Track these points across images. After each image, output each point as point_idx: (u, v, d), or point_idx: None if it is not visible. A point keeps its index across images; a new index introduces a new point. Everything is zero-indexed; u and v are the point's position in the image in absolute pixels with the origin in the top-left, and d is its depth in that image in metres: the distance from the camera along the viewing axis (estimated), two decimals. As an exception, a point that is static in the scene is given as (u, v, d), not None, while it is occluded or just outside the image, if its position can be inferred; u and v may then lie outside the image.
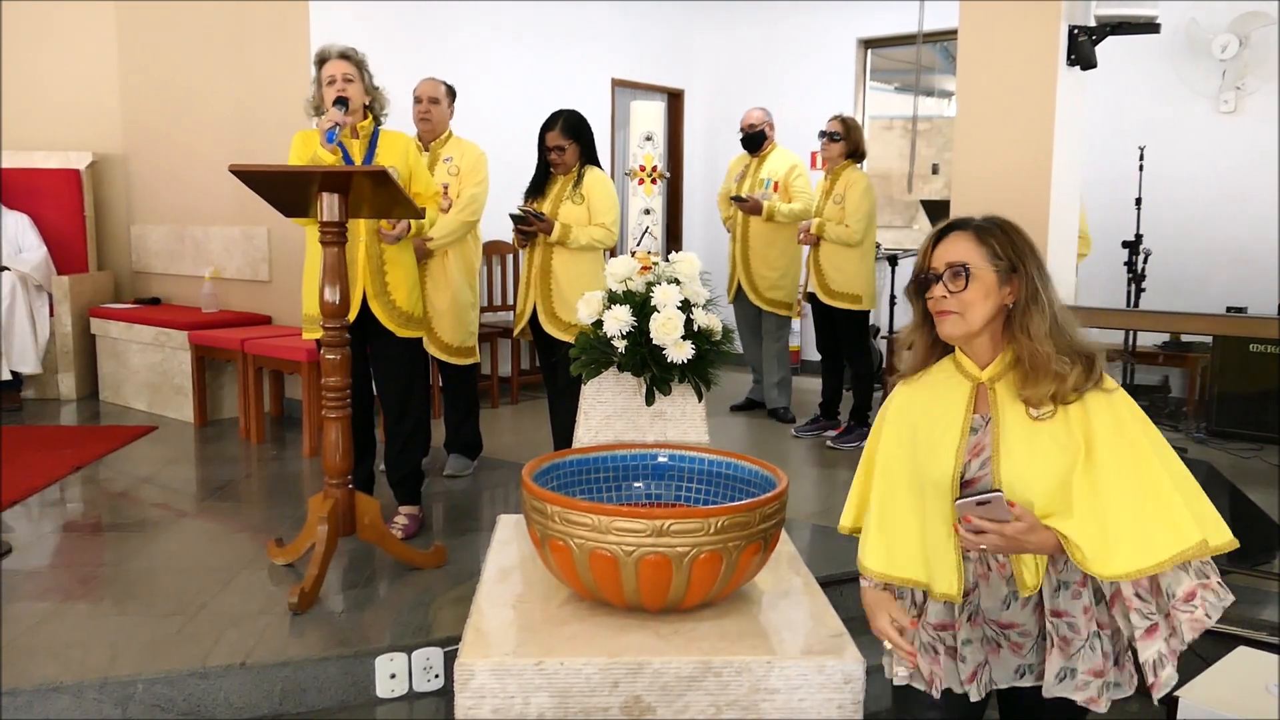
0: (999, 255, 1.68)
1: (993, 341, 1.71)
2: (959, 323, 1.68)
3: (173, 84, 6.10)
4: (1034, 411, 1.65)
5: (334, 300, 2.97)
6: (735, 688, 2.17)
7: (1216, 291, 5.35)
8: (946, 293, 1.68)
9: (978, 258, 1.68)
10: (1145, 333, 5.08)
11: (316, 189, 2.92)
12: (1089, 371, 1.64)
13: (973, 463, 1.69)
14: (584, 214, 4.03)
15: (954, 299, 1.67)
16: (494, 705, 2.18)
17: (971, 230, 1.71)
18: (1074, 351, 1.65)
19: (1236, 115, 5.48)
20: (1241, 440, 4.96)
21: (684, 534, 2.21)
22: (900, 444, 1.79)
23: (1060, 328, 1.66)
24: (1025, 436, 1.65)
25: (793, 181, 5.35)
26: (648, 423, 2.97)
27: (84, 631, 2.75)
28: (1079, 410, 1.63)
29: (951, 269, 1.68)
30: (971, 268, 1.67)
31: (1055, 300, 1.68)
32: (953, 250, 1.70)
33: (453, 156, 4.32)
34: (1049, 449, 1.63)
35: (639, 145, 3.02)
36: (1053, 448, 1.63)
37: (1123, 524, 1.57)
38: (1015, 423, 1.66)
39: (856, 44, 7.10)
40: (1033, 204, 3.20)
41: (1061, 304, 1.69)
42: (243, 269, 5.86)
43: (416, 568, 3.22)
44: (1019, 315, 1.67)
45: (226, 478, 4.43)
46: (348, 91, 3.33)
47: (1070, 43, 3.15)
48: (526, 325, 4.20)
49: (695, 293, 2.92)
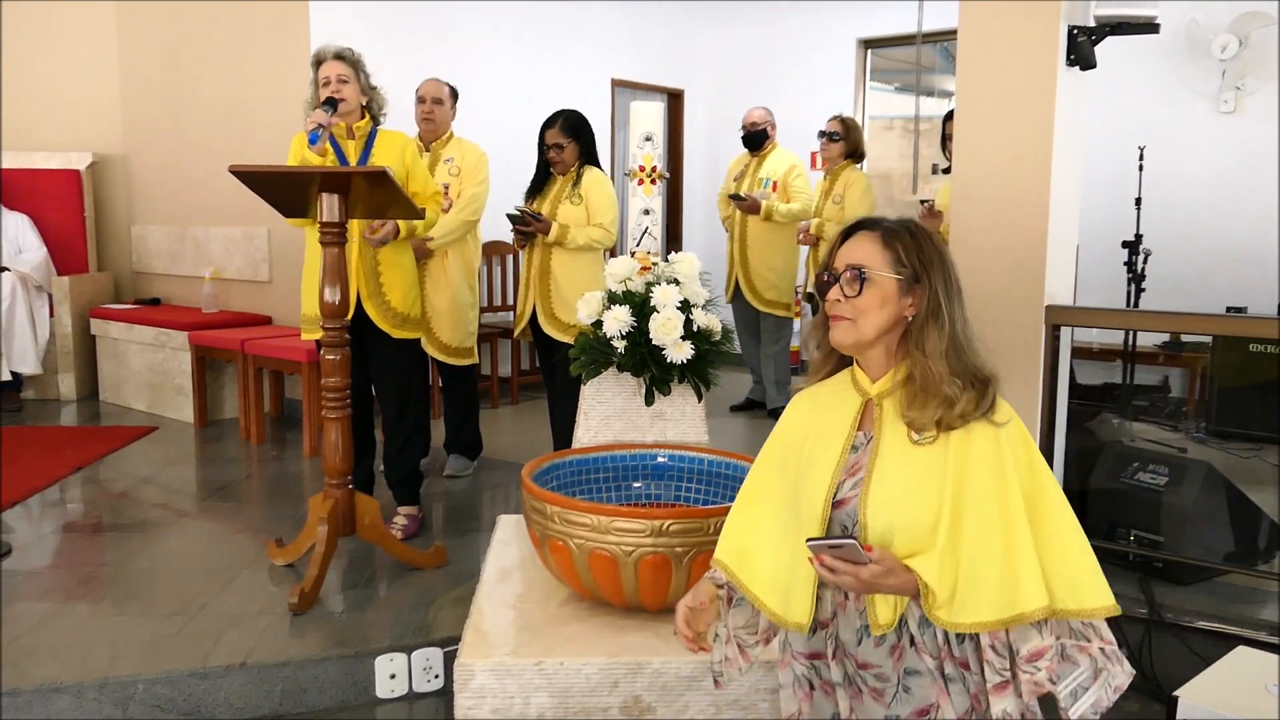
0: (903, 262, 1.54)
1: (887, 355, 1.58)
2: (850, 330, 1.55)
3: (173, 84, 6.11)
4: (915, 435, 1.52)
5: (334, 300, 2.97)
6: (735, 688, 2.17)
7: (1216, 291, 5.34)
8: (841, 296, 1.55)
9: (879, 262, 1.54)
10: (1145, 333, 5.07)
11: (316, 189, 2.92)
12: (981, 399, 1.52)
13: (846, 482, 1.57)
14: (582, 214, 4.02)
15: (848, 304, 1.54)
16: (494, 705, 2.18)
17: (879, 232, 1.57)
18: (970, 375, 1.53)
19: (1236, 115, 5.47)
20: (1241, 440, 4.95)
21: (683, 534, 2.22)
22: (786, 455, 1.69)
23: (960, 348, 1.54)
24: (901, 461, 1.53)
25: (792, 181, 5.35)
26: (647, 423, 2.97)
27: (84, 632, 2.75)
28: (961, 439, 1.50)
29: (850, 271, 1.55)
30: (869, 272, 1.54)
31: (960, 318, 1.55)
32: (855, 251, 1.57)
33: (453, 157, 4.33)
34: (922, 477, 1.51)
35: (638, 145, 3.03)
36: (926, 477, 1.50)
37: (976, 572, 1.46)
38: (894, 445, 1.54)
39: (856, 44, 7.10)
40: (1032, 204, 3.20)
41: (967, 323, 1.57)
42: (243, 269, 5.86)
43: (416, 568, 3.22)
44: (916, 329, 1.54)
45: (227, 478, 4.43)
46: (342, 93, 3.33)
47: (1070, 43, 3.15)
48: (527, 326, 4.20)
49: (695, 293, 2.92)
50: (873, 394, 1.59)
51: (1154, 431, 5.07)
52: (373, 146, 3.43)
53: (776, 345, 5.56)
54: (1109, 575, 3.35)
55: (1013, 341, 3.27)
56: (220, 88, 5.79)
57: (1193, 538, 3.13)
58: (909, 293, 1.55)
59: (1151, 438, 4.81)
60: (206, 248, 6.06)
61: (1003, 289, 3.28)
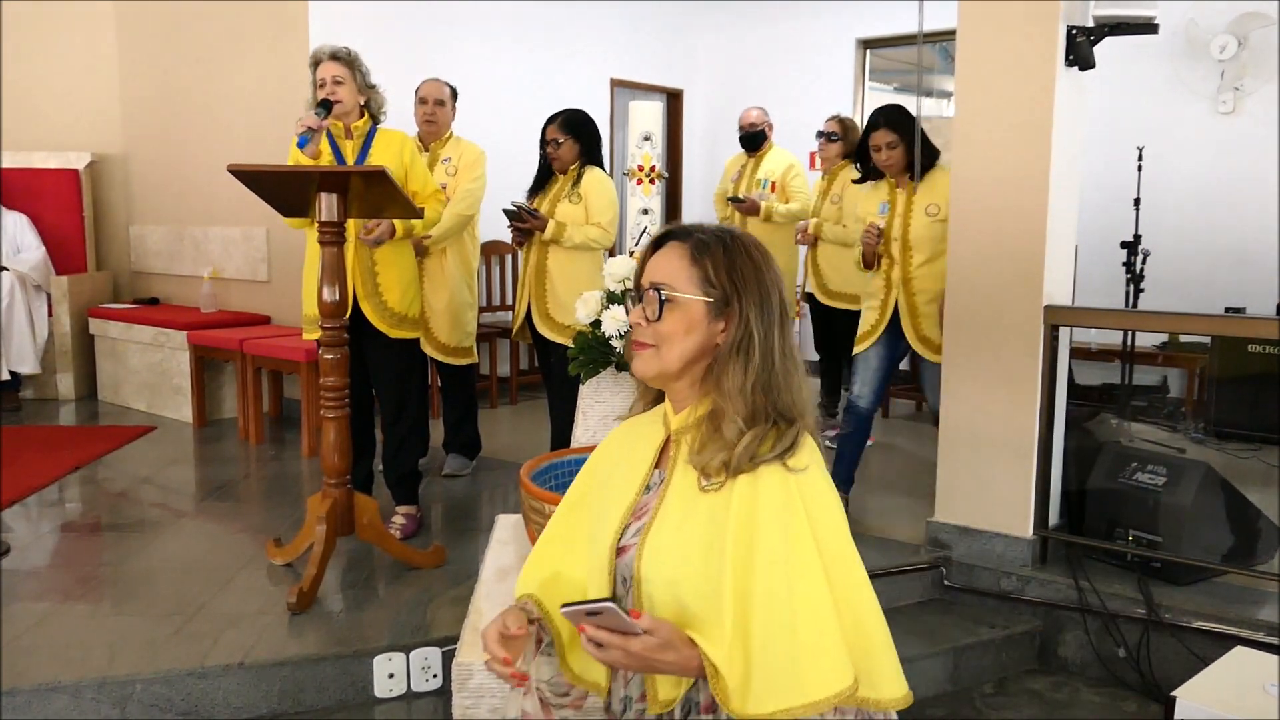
0: (711, 282, 1.31)
1: (693, 387, 1.36)
2: (652, 360, 1.33)
3: (172, 84, 6.10)
4: (705, 481, 1.30)
5: (333, 300, 2.97)
6: (733, 687, 2.17)
7: (1215, 292, 5.34)
8: (643, 320, 1.33)
9: (684, 281, 1.31)
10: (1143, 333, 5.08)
11: (315, 189, 2.92)
12: (779, 439, 1.29)
13: (631, 527, 1.37)
14: (581, 214, 4.01)
15: (650, 329, 1.32)
16: (492, 705, 2.18)
17: (689, 244, 1.34)
18: (774, 414, 1.30)
19: (1235, 116, 5.48)
20: (1240, 440, 4.96)
21: (682, 534, 2.21)
22: (589, 489, 1.50)
23: (772, 385, 1.30)
24: (685, 508, 1.31)
25: (790, 181, 5.35)
26: (646, 423, 2.97)
27: (82, 631, 2.75)
28: (748, 485, 1.26)
29: (651, 291, 1.33)
30: (671, 292, 1.31)
31: (779, 350, 1.32)
32: (660, 267, 1.34)
33: (451, 156, 4.32)
34: (704, 530, 1.28)
35: (637, 145, 3.03)
36: (708, 529, 1.27)
37: (772, 648, 1.22)
38: (681, 489, 1.33)
39: (855, 44, 7.11)
40: (1031, 204, 3.20)
41: (788, 356, 1.33)
42: (241, 269, 5.86)
43: (415, 567, 3.22)
44: (719, 361, 1.32)
45: (225, 478, 4.43)
46: (337, 94, 3.32)
47: (1069, 43, 3.15)
48: (524, 326, 4.19)
49: (694, 293, 2.92)
50: (671, 430, 1.39)
51: (1152, 432, 5.08)
52: (371, 146, 3.42)
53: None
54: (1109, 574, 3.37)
55: (1011, 341, 3.27)
56: (219, 88, 5.79)
57: (1191, 538, 3.13)
58: (721, 317, 1.32)
59: (1150, 438, 4.82)
60: (205, 247, 6.05)
61: (1001, 289, 3.28)
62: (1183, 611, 2.98)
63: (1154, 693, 2.90)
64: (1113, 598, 3.08)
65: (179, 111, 6.08)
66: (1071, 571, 3.19)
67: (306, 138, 3.14)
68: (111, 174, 6.55)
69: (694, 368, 1.34)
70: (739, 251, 1.33)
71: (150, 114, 6.31)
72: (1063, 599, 3.17)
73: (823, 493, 1.29)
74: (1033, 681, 3.10)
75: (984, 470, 3.36)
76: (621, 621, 1.21)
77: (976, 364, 3.34)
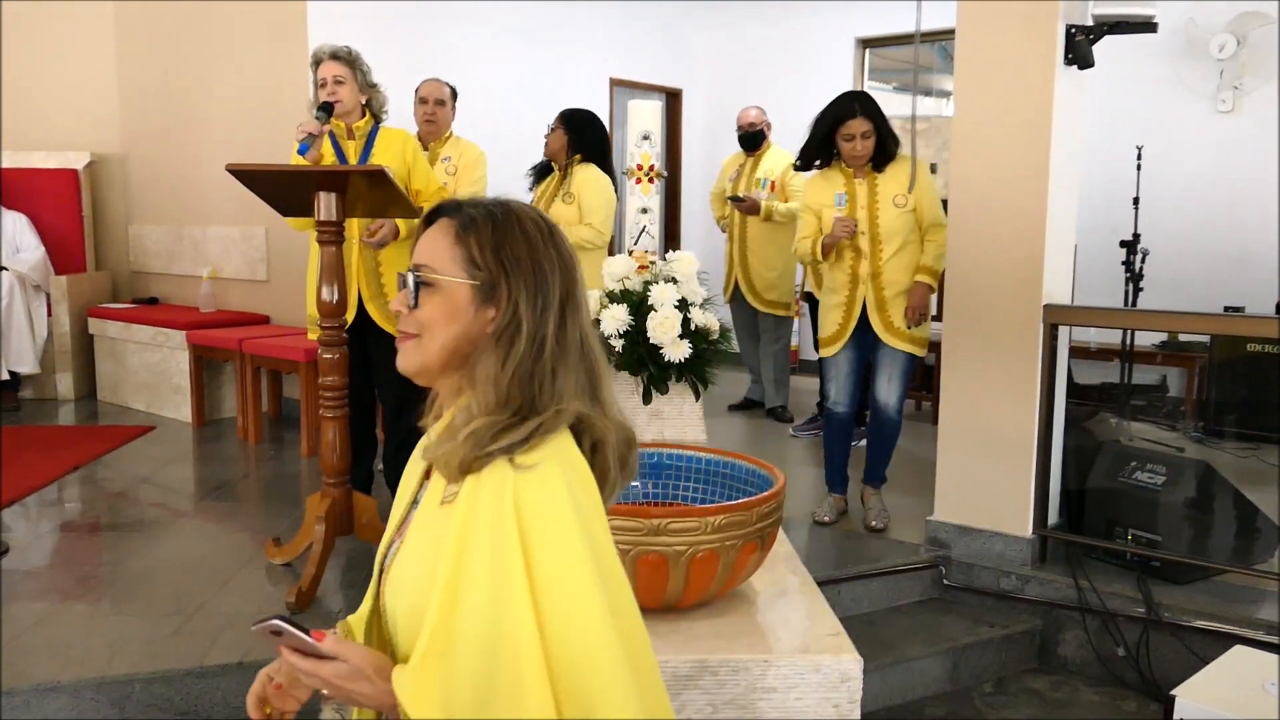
0: (476, 263, 1.14)
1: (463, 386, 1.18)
2: (413, 353, 1.16)
3: (171, 84, 6.10)
4: (446, 491, 1.13)
5: (331, 299, 2.97)
6: (732, 687, 2.17)
7: (1214, 291, 5.34)
8: (404, 306, 1.17)
9: (447, 262, 1.15)
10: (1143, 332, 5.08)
11: (314, 188, 2.92)
12: (514, 429, 1.09)
13: (395, 545, 1.23)
14: (574, 214, 3.99)
15: (410, 317, 1.16)
16: (491, 704, 2.18)
17: (456, 220, 1.17)
18: (526, 407, 1.11)
19: (1234, 115, 5.47)
20: (1239, 440, 4.96)
21: (681, 533, 2.21)
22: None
23: (534, 375, 1.12)
24: (424, 528, 1.16)
25: (789, 180, 5.35)
26: (645, 422, 2.97)
27: (82, 631, 2.75)
28: (471, 490, 1.08)
29: (411, 273, 1.17)
30: (431, 274, 1.15)
31: (550, 338, 1.13)
32: (425, 247, 1.18)
33: (451, 156, 4.32)
34: (428, 546, 1.12)
35: (636, 144, 3.03)
36: (431, 544, 1.11)
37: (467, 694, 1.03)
38: (428, 502, 1.17)
39: (855, 43, 7.10)
40: (1030, 203, 3.20)
41: (568, 347, 1.15)
42: (241, 269, 5.86)
43: (414, 567, 3.22)
44: (480, 348, 1.14)
45: (224, 477, 4.42)
46: (338, 94, 3.32)
47: (1068, 42, 3.15)
48: None
49: (693, 292, 2.93)
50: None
51: (1152, 431, 5.08)
52: (373, 145, 3.42)
53: (776, 344, 5.56)
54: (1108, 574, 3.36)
55: (1010, 340, 3.27)
56: (218, 87, 5.78)
57: (1190, 537, 3.13)
58: (490, 302, 1.14)
59: (1149, 437, 4.82)
60: (204, 247, 6.05)
61: (1001, 288, 3.28)
62: (1182, 611, 2.98)
63: (1153, 692, 2.90)
64: (1112, 597, 3.08)
65: (178, 111, 6.07)
66: (1071, 571, 3.19)
67: (307, 144, 3.14)
68: (110, 174, 6.54)
69: (461, 361, 1.16)
70: (510, 227, 1.15)
71: (149, 114, 6.30)
72: (1062, 598, 3.17)
73: (550, 499, 1.06)
74: (1032, 681, 3.10)
75: (983, 469, 3.36)
76: (303, 643, 1.09)
77: (976, 363, 3.34)
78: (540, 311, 1.13)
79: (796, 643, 2.28)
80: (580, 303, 1.18)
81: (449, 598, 1.04)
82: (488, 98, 5.86)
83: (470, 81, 5.28)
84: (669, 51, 7.58)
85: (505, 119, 5.75)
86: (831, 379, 3.69)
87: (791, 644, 2.27)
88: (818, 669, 2.16)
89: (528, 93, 6.15)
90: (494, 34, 6.16)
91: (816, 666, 2.16)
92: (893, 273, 3.50)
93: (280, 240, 5.53)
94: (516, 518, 1.04)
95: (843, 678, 2.17)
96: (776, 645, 2.25)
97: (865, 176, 3.53)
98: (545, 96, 5.51)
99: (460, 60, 5.70)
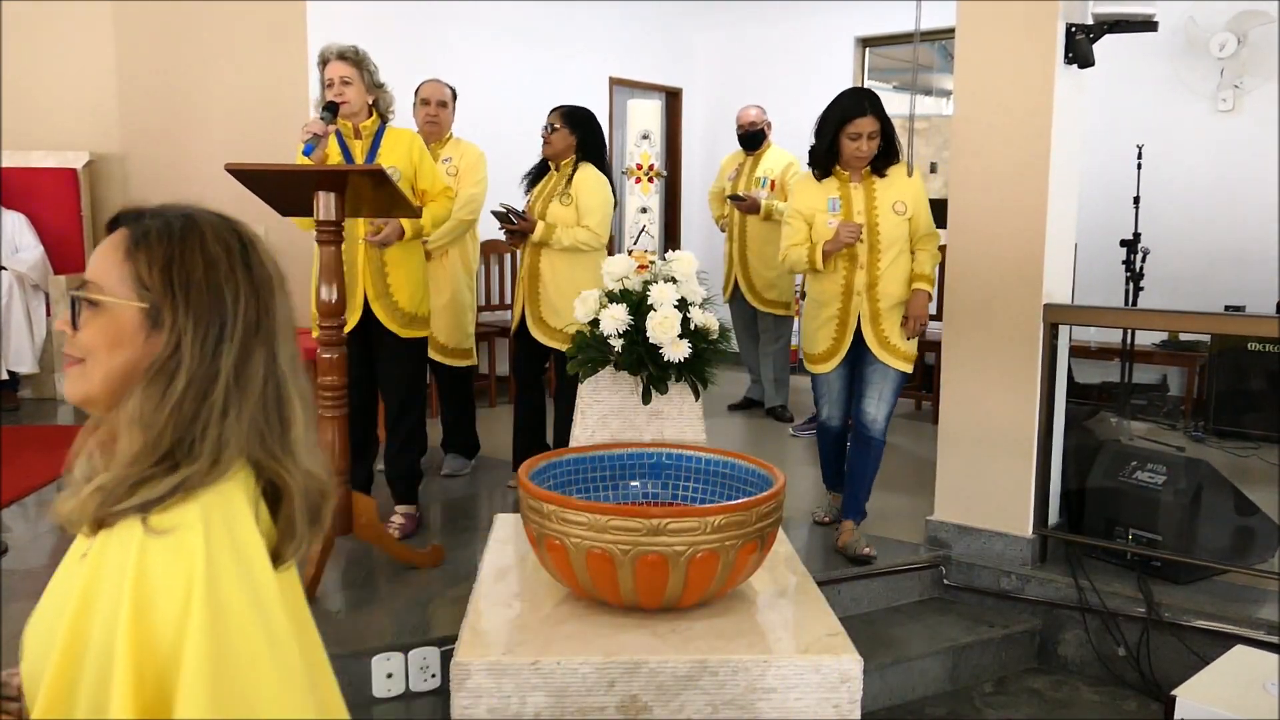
0: (144, 283, 0.98)
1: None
2: (78, 379, 1.00)
3: (170, 83, 6.10)
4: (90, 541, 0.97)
5: (330, 299, 2.96)
6: (732, 687, 2.17)
7: (1214, 290, 5.34)
8: (66, 327, 1.01)
9: (115, 279, 0.99)
10: (1143, 331, 5.08)
11: (313, 188, 2.91)
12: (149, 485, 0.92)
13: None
14: (572, 214, 3.95)
15: (73, 339, 1.00)
16: (490, 705, 2.18)
17: (130, 233, 1.02)
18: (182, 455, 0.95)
19: (1234, 114, 5.47)
20: (1239, 439, 4.96)
21: (681, 533, 2.21)
22: None
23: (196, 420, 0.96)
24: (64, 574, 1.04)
25: (789, 180, 5.34)
26: (644, 422, 2.97)
27: (80, 631, 2.74)
28: (101, 549, 0.93)
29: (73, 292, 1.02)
30: (94, 294, 0.99)
31: (225, 377, 0.98)
32: (96, 260, 1.02)
33: (451, 157, 4.32)
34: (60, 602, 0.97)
35: (635, 144, 3.03)
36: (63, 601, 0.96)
37: None
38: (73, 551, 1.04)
39: (855, 42, 7.11)
40: (1030, 202, 3.20)
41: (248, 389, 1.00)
42: (240, 268, 5.85)
43: (414, 567, 3.22)
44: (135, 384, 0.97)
45: (224, 477, 4.41)
46: (345, 94, 3.31)
47: (1068, 41, 3.15)
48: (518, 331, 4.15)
49: (692, 291, 2.92)
50: None
51: (1152, 430, 5.08)
52: (380, 145, 3.41)
53: (776, 344, 5.56)
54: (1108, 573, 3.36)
55: (1011, 340, 3.27)
56: (218, 87, 5.78)
57: (1191, 537, 3.13)
58: (159, 329, 0.98)
59: (1149, 436, 4.82)
60: (204, 247, 6.04)
61: (1001, 287, 3.28)
62: (1182, 610, 2.98)
63: (1154, 692, 2.90)
64: (1112, 596, 3.08)
65: (178, 111, 6.07)
66: (1071, 570, 3.19)
67: (312, 145, 3.14)
68: (110, 173, 6.54)
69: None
70: (188, 244, 1.00)
71: (148, 113, 6.30)
72: (1062, 598, 3.16)
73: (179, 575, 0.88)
74: (1032, 680, 3.10)
75: (983, 469, 3.35)
76: None
77: (976, 362, 3.33)
78: (213, 343, 0.98)
79: (796, 643, 2.28)
80: (274, 333, 1.03)
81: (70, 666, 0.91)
82: (488, 98, 5.86)
83: (470, 81, 5.27)
84: (669, 51, 7.58)
85: (505, 119, 5.75)
86: (824, 396, 3.50)
87: (791, 644, 2.27)
88: (817, 669, 2.16)
89: (528, 93, 6.14)
90: (494, 34, 6.16)
91: (816, 666, 2.16)
92: (888, 284, 3.30)
93: (281, 240, 5.47)
94: (134, 593, 0.87)
95: (842, 678, 2.17)
96: (776, 645, 2.25)
97: (862, 181, 3.33)
98: (545, 96, 5.50)
99: (460, 60, 5.70)
